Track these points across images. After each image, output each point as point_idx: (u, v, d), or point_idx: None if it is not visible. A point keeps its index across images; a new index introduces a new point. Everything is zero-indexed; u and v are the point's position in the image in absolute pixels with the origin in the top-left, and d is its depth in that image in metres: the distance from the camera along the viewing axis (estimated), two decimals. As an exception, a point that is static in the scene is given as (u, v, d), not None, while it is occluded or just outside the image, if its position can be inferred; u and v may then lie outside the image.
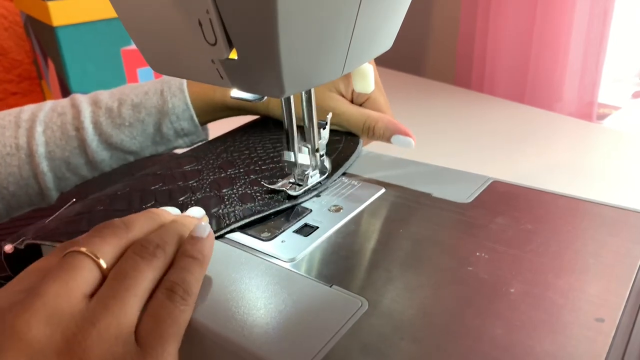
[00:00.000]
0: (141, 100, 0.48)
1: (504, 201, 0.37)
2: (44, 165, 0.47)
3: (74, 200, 0.40)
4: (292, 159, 0.39)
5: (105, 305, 0.25)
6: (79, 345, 0.24)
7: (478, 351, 0.25)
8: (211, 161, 0.44)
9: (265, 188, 0.39)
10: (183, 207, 0.36)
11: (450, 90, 0.99)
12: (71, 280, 0.25)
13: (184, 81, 0.50)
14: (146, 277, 0.27)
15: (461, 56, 1.12)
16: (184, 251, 0.30)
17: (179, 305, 0.27)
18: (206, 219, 0.34)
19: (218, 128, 0.54)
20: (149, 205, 0.38)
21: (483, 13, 1.03)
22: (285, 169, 0.41)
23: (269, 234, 0.35)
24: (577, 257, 0.31)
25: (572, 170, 0.67)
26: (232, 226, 0.35)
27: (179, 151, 0.50)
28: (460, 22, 1.11)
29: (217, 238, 0.35)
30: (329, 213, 0.37)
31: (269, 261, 0.32)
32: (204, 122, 0.51)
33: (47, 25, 0.92)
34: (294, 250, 0.33)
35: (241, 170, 0.42)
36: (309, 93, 0.37)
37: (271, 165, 0.43)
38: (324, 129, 0.39)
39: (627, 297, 0.27)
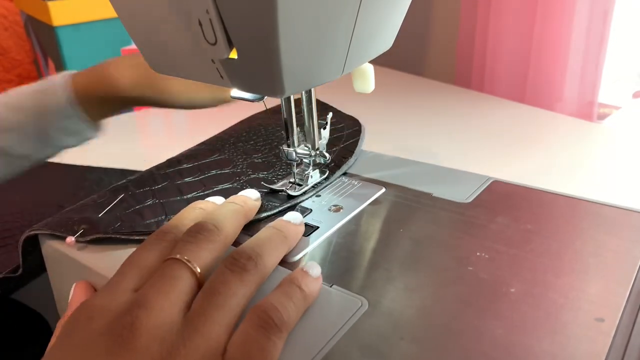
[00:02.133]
0: (24, 102, 0.48)
1: (504, 201, 0.37)
2: None
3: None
4: (293, 157, 0.38)
5: (195, 324, 0.25)
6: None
7: (478, 351, 0.25)
8: (211, 159, 0.44)
9: (265, 188, 0.39)
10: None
11: (450, 90, 0.99)
12: (172, 292, 0.26)
13: (68, 77, 0.49)
14: (236, 294, 0.26)
15: (461, 56, 1.12)
16: (293, 279, 0.28)
17: (273, 337, 0.25)
18: (302, 229, 0.33)
19: (217, 127, 0.54)
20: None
21: (483, 13, 1.03)
22: (284, 160, 0.41)
23: (269, 233, 0.35)
24: (577, 256, 0.31)
25: (572, 170, 0.67)
26: None
27: (175, 152, 0.50)
28: (460, 22, 1.11)
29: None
30: (329, 213, 0.37)
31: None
32: (94, 118, 0.50)
33: (47, 25, 0.92)
34: (294, 250, 0.33)
35: (241, 169, 0.42)
36: (309, 93, 0.37)
37: (273, 161, 0.43)
38: (324, 129, 0.39)
39: (627, 297, 0.27)
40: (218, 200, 0.35)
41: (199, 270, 0.27)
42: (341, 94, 0.64)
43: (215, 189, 0.39)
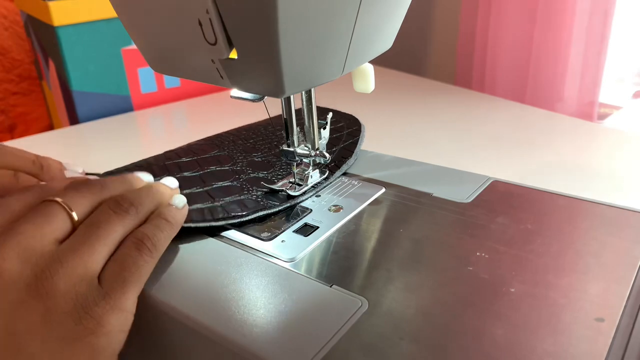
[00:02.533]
0: None
1: (504, 201, 0.37)
2: None
3: None
4: (293, 157, 0.38)
5: (74, 249, 0.27)
6: (46, 280, 0.25)
7: (478, 351, 0.25)
8: (210, 155, 0.44)
9: (265, 188, 0.39)
10: None
11: (450, 90, 0.99)
12: (46, 225, 0.27)
13: None
14: (116, 230, 0.29)
15: (461, 56, 1.12)
16: (159, 213, 0.32)
17: (145, 255, 0.29)
18: (178, 191, 0.35)
19: (217, 128, 0.54)
20: None
21: (483, 13, 1.03)
22: (284, 160, 0.41)
23: (269, 233, 0.35)
24: (577, 257, 0.31)
25: (572, 170, 0.67)
26: (231, 221, 0.35)
27: (175, 145, 0.50)
28: (460, 22, 1.11)
29: (217, 237, 0.35)
30: (329, 213, 0.37)
31: (269, 261, 0.32)
32: None
33: (47, 25, 0.92)
34: (294, 250, 0.33)
35: (240, 167, 0.42)
36: (309, 93, 0.37)
37: (273, 160, 0.43)
38: (324, 128, 0.39)
39: (627, 297, 0.27)
40: (146, 176, 0.36)
41: (75, 216, 0.29)
42: (341, 94, 0.64)
43: (214, 186, 0.39)
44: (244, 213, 0.36)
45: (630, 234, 0.32)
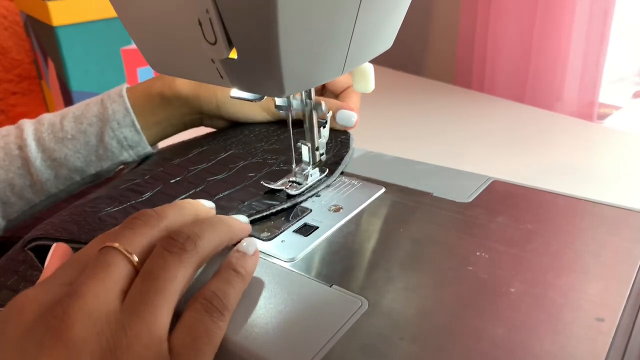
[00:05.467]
0: (82, 112, 0.47)
1: (504, 201, 0.37)
2: None
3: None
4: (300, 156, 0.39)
5: (135, 311, 0.25)
6: (110, 352, 0.23)
7: (478, 351, 0.25)
8: (211, 157, 0.44)
9: (265, 188, 0.39)
10: None
11: (450, 90, 0.99)
12: (107, 279, 0.25)
13: (124, 87, 0.48)
14: (175, 276, 0.26)
15: (461, 56, 1.12)
16: (229, 263, 0.29)
17: (217, 320, 0.26)
18: (249, 228, 0.33)
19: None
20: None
21: (483, 12, 1.03)
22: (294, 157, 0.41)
23: (269, 233, 0.35)
24: (577, 256, 0.31)
25: (572, 169, 0.67)
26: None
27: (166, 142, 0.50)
28: (460, 22, 1.11)
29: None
30: (329, 213, 0.37)
31: (268, 261, 0.32)
32: (148, 133, 0.49)
33: (47, 25, 0.92)
34: (294, 250, 0.33)
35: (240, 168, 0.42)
36: (309, 92, 0.37)
37: (273, 160, 0.43)
38: (324, 127, 0.39)
39: (627, 296, 0.27)
40: (207, 203, 0.33)
41: (135, 258, 0.27)
42: (341, 93, 0.63)
43: (218, 196, 0.39)
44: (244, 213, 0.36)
45: (630, 233, 0.32)
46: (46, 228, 0.36)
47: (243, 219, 0.33)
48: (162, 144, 0.53)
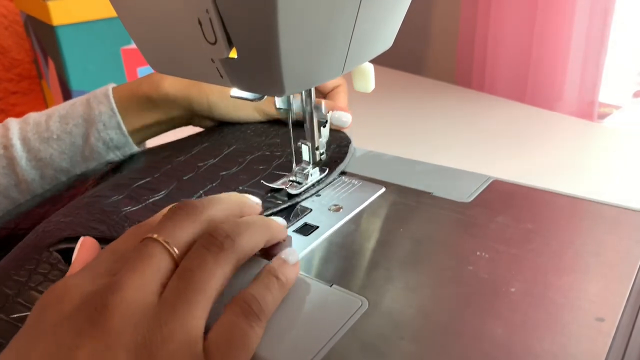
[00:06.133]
0: (67, 111, 0.47)
1: (504, 200, 0.37)
2: None
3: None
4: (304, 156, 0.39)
5: (172, 307, 0.24)
6: (144, 347, 0.23)
7: (478, 351, 0.25)
8: (215, 153, 0.44)
9: (265, 187, 0.39)
10: None
11: (450, 90, 0.99)
12: (147, 270, 0.25)
13: (110, 87, 0.48)
14: (213, 275, 0.26)
15: (461, 55, 1.12)
16: (270, 269, 0.28)
17: (254, 324, 0.25)
18: (286, 230, 0.32)
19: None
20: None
21: (483, 12, 1.03)
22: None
23: (269, 233, 0.35)
24: (577, 256, 0.31)
25: (572, 169, 0.67)
26: None
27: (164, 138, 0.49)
28: (460, 22, 1.11)
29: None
30: (329, 212, 0.37)
31: (268, 261, 0.32)
32: (135, 134, 0.49)
33: (47, 25, 0.92)
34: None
35: (240, 167, 0.42)
36: (309, 92, 0.37)
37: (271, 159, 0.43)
38: (324, 127, 0.39)
39: (627, 296, 0.27)
40: (254, 199, 0.33)
41: (176, 250, 0.26)
42: (341, 93, 0.63)
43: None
44: None
45: (630, 233, 0.32)
46: (72, 228, 0.36)
47: (281, 220, 0.32)
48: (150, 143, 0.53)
